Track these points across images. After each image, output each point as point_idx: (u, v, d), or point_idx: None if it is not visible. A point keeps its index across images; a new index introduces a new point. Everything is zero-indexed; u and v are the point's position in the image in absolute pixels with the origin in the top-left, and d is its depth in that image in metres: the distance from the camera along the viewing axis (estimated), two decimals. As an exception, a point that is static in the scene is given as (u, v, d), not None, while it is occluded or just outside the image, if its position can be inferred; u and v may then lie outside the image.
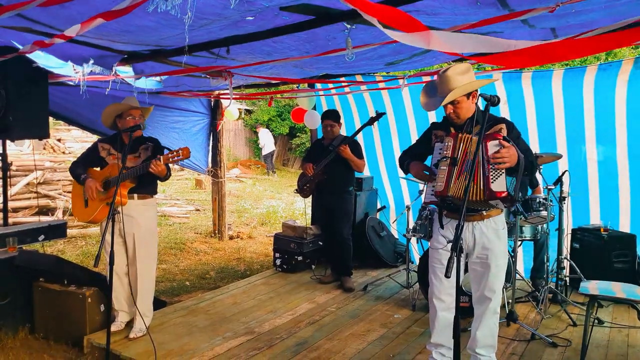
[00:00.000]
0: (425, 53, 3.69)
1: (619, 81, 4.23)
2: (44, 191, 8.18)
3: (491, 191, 2.43)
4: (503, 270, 2.71)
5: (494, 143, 2.45)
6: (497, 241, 2.66)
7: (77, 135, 13.47)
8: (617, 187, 4.47)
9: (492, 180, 2.44)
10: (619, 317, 3.87)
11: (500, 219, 2.70)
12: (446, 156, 2.58)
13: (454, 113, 2.65)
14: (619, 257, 4.17)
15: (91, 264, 4.03)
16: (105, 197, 3.37)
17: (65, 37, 2.28)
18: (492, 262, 2.66)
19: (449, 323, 2.75)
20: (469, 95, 2.63)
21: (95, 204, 3.39)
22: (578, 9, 2.41)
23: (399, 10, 1.54)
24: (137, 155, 3.41)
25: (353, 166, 4.52)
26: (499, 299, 2.73)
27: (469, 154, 2.52)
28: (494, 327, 2.74)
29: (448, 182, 2.55)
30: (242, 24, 2.55)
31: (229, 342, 3.44)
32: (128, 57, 3.44)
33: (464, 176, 2.50)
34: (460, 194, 2.48)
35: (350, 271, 4.78)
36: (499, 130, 2.62)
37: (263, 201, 11.09)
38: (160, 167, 3.16)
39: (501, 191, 2.42)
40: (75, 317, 3.51)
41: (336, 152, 4.40)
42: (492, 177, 2.44)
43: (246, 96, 7.62)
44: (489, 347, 2.75)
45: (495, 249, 2.66)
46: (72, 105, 5.15)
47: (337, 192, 4.62)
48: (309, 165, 4.58)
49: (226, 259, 6.44)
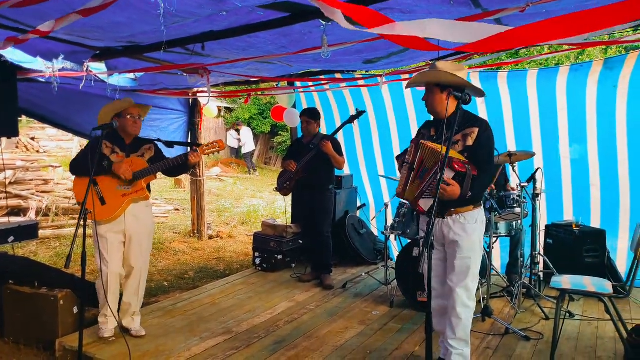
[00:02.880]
0: (403, 52, 3.72)
1: (589, 81, 4.34)
2: (15, 191, 7.96)
3: (416, 202, 2.69)
4: (472, 263, 2.75)
5: (448, 171, 2.53)
6: (464, 235, 2.73)
7: (52, 133, 13.18)
8: (589, 184, 4.59)
9: (423, 196, 2.64)
10: (589, 310, 3.97)
11: (471, 214, 2.75)
12: (406, 161, 2.80)
13: (426, 102, 2.79)
14: (589, 251, 4.26)
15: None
16: (129, 192, 3.29)
17: (41, 32, 2.23)
18: (457, 253, 2.74)
19: (442, 308, 2.90)
20: (442, 88, 2.70)
21: (117, 200, 3.27)
22: (549, 9, 2.46)
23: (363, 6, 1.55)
24: (140, 155, 3.39)
25: (334, 163, 4.53)
26: (468, 291, 2.77)
27: (425, 161, 2.67)
28: (465, 321, 2.77)
29: (405, 186, 2.78)
30: (216, 19, 2.53)
31: (206, 342, 3.41)
32: (100, 53, 3.37)
33: (417, 181, 2.70)
34: (412, 197, 2.72)
35: (330, 269, 4.79)
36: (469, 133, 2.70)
37: (244, 200, 11.02)
38: (199, 158, 3.29)
39: (423, 208, 2.67)
40: (47, 320, 3.43)
41: (318, 148, 4.41)
42: (425, 194, 2.64)
43: (225, 94, 7.56)
44: (461, 340, 2.79)
45: (462, 243, 2.73)
46: (44, 102, 5.02)
47: (318, 189, 4.63)
48: (291, 162, 4.58)
49: (205, 259, 6.38)
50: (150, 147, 3.47)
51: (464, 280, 2.75)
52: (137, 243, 3.38)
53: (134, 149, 3.41)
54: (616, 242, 4.52)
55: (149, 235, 3.51)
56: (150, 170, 3.31)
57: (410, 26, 1.53)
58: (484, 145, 2.71)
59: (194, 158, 3.28)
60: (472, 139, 2.69)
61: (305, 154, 4.51)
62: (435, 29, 1.51)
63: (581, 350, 3.26)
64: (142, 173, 3.29)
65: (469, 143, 2.69)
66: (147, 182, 3.36)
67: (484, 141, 2.71)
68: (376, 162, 5.82)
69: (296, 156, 4.61)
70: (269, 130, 17.33)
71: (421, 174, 2.68)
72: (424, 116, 5.33)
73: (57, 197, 8.40)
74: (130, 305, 3.44)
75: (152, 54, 3.36)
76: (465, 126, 2.72)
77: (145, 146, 3.46)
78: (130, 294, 3.44)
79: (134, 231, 3.35)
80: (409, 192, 2.76)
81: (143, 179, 3.30)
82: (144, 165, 3.31)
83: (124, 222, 3.31)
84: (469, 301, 2.77)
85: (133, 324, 3.46)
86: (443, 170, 2.38)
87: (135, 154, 3.39)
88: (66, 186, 9.15)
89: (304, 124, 4.63)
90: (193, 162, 3.30)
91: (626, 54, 4.20)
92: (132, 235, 3.36)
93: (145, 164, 3.32)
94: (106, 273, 3.29)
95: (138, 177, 3.28)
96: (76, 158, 3.45)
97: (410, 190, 2.75)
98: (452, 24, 1.55)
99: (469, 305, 2.78)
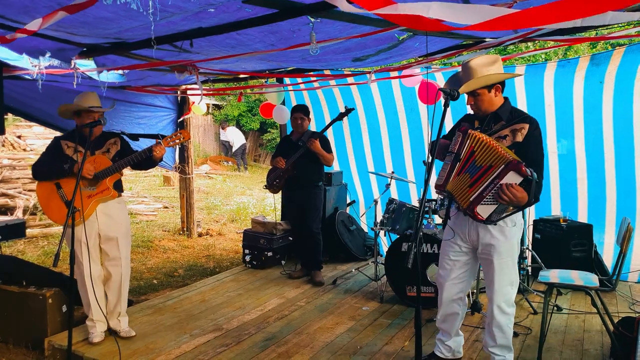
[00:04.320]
0: (391, 49, 3.72)
1: (576, 77, 4.39)
2: (2, 190, 7.88)
3: (473, 209, 2.39)
4: (509, 268, 2.62)
5: (513, 175, 2.30)
6: (503, 239, 2.58)
7: (39, 131, 13.00)
8: (576, 179, 4.64)
9: (483, 202, 2.38)
10: (576, 304, 4.03)
11: (510, 217, 2.56)
12: (452, 151, 2.56)
13: (474, 105, 2.59)
14: (577, 246, 4.31)
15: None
16: (94, 192, 3.18)
17: (28, 31, 2.20)
18: (495, 259, 2.59)
19: (453, 312, 2.83)
20: (490, 87, 2.54)
21: (83, 201, 3.11)
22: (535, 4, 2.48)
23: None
24: (105, 151, 3.28)
25: (322, 160, 4.54)
26: (507, 297, 2.64)
27: (476, 154, 2.44)
28: (506, 327, 2.66)
29: (448, 177, 2.55)
30: (204, 16, 2.52)
31: (196, 339, 3.40)
32: (87, 50, 3.34)
33: (466, 175, 2.45)
34: (461, 192, 2.47)
35: (321, 265, 4.80)
36: (519, 129, 2.51)
37: (233, 197, 10.99)
38: (163, 151, 3.20)
39: (482, 216, 2.39)
40: (36, 318, 3.40)
41: (306, 146, 4.41)
42: (486, 199, 2.38)
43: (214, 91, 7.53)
44: (503, 347, 2.69)
45: (499, 247, 2.58)
46: (31, 100, 4.96)
47: (307, 187, 4.63)
48: (280, 159, 4.57)
49: (195, 257, 6.36)
50: (116, 141, 3.35)
51: (504, 287, 2.62)
52: (113, 242, 3.29)
53: (99, 145, 3.28)
54: (603, 237, 4.58)
55: (126, 233, 3.38)
56: (113, 169, 3.16)
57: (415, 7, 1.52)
58: (537, 143, 2.54)
59: (158, 151, 3.16)
60: (522, 135, 2.52)
61: (294, 151, 4.51)
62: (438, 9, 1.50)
63: (569, 343, 3.31)
64: (105, 172, 3.16)
65: (518, 139, 2.52)
66: (112, 180, 3.22)
67: (537, 139, 2.54)
68: (366, 159, 5.84)
69: (285, 153, 4.61)
70: (258, 127, 17.26)
71: (471, 170, 2.43)
72: (412, 112, 5.40)
73: (45, 195, 8.30)
74: (115, 306, 3.37)
75: (139, 51, 3.33)
76: (513, 121, 2.57)
77: (110, 140, 3.34)
78: (112, 295, 3.36)
79: (109, 231, 3.27)
80: (454, 184, 2.49)
81: (107, 178, 3.17)
82: (107, 163, 3.18)
83: (96, 222, 3.22)
84: (508, 308, 2.65)
85: (120, 325, 3.39)
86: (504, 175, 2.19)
87: (100, 150, 3.27)
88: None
89: (297, 120, 4.62)
90: (158, 155, 3.18)
91: (612, 50, 4.25)
92: (107, 234, 3.27)
93: (108, 162, 3.19)
94: (82, 276, 3.22)
95: (101, 177, 3.16)
96: (36, 162, 3.29)
97: (455, 183, 2.48)
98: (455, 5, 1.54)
99: (508, 312, 2.65)
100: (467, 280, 2.82)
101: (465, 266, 2.77)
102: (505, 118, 2.57)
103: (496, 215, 2.42)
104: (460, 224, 2.72)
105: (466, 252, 2.74)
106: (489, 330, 2.70)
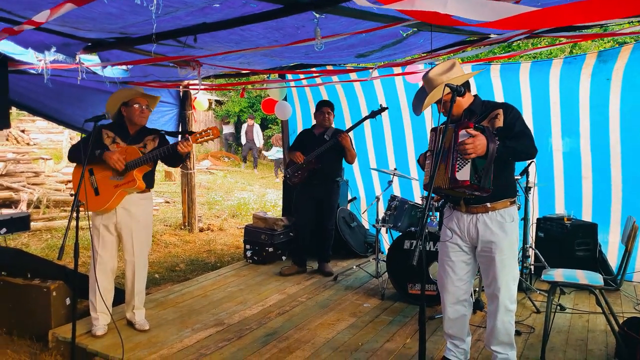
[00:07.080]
0: (396, 45, 3.71)
1: (582, 74, 4.34)
2: (7, 183, 7.91)
3: (455, 179, 2.40)
4: (510, 265, 2.61)
5: (462, 132, 2.40)
6: (502, 234, 2.58)
7: (42, 126, 13.06)
8: (581, 177, 4.60)
9: (457, 169, 2.40)
10: (580, 303, 4.01)
11: (508, 211, 2.60)
12: (430, 150, 2.62)
13: (445, 112, 2.62)
14: (580, 245, 4.27)
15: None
16: (121, 182, 3.21)
17: (35, 23, 2.20)
18: (496, 256, 2.58)
19: (460, 315, 2.77)
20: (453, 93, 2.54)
21: (110, 191, 3.21)
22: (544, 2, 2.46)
23: None
24: (142, 146, 3.31)
25: (348, 156, 4.60)
26: (511, 293, 2.63)
27: (444, 142, 2.47)
28: (508, 325, 2.64)
29: (432, 175, 2.51)
30: (209, 12, 2.51)
31: (198, 333, 3.41)
32: (92, 45, 3.34)
33: (442, 165, 2.49)
34: (445, 181, 2.48)
35: (329, 258, 4.89)
36: (495, 116, 2.56)
37: (234, 193, 11.00)
38: (190, 147, 3.18)
39: (464, 180, 2.38)
40: (40, 311, 3.42)
41: (335, 140, 4.46)
42: (458, 165, 2.40)
43: (216, 87, 7.52)
44: (505, 344, 2.67)
45: (500, 243, 2.57)
46: (35, 94, 4.97)
47: (327, 181, 4.68)
48: (299, 154, 4.56)
49: (196, 251, 6.38)
50: (155, 138, 3.38)
51: (507, 284, 2.60)
52: (128, 237, 3.31)
53: (137, 140, 3.33)
54: (607, 236, 4.54)
55: (144, 229, 3.39)
56: (143, 160, 3.19)
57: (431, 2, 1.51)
58: (517, 118, 2.54)
59: (182, 147, 3.14)
60: (500, 120, 2.54)
61: (317, 145, 4.51)
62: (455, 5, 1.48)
63: (572, 343, 3.29)
64: (134, 163, 3.19)
65: (499, 124, 2.54)
66: (141, 172, 3.23)
67: (515, 115, 2.55)
68: (368, 155, 5.82)
69: (307, 147, 4.60)
70: (259, 123, 17.25)
71: (444, 156, 2.48)
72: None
73: (48, 189, 8.35)
74: (130, 298, 3.42)
75: (143, 46, 3.32)
76: (487, 112, 2.62)
77: (149, 137, 3.37)
78: (128, 288, 3.42)
79: (125, 225, 3.29)
80: (439, 177, 2.51)
81: (136, 169, 3.21)
82: (138, 155, 3.21)
83: (115, 215, 3.27)
84: (511, 305, 2.63)
85: (135, 318, 3.43)
86: (457, 135, 2.25)
87: (137, 144, 3.30)
88: (57, 178, 9.09)
89: (324, 114, 4.64)
90: (182, 151, 3.17)
91: (620, 47, 4.20)
92: (123, 229, 3.30)
93: (139, 154, 3.22)
94: (93, 265, 3.26)
95: (130, 168, 3.19)
96: (75, 144, 3.38)
97: (439, 175, 2.51)
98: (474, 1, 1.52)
99: (510, 309, 2.64)
100: (469, 280, 2.79)
101: (467, 266, 2.74)
102: (478, 111, 2.60)
103: (484, 179, 2.40)
104: (458, 223, 2.70)
105: (466, 250, 2.72)
106: (491, 328, 2.68)
